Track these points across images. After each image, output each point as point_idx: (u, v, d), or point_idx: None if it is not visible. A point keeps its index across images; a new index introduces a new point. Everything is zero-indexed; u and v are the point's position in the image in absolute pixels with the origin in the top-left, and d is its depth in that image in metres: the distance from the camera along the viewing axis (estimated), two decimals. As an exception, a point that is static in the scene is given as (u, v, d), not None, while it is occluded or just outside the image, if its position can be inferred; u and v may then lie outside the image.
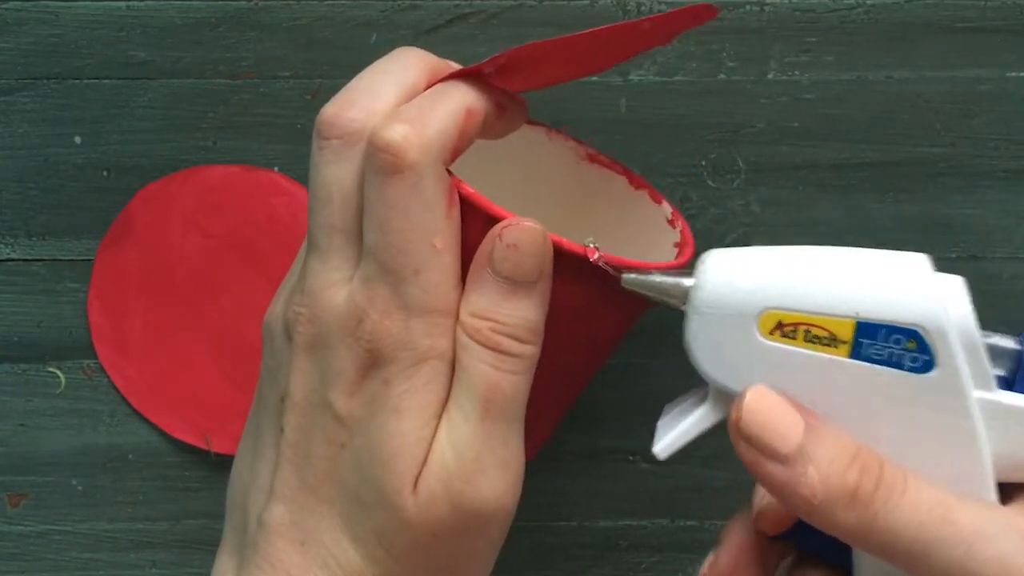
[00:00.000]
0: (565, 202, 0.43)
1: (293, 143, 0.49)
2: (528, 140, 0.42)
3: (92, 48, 0.48)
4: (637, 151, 0.48)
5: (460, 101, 0.33)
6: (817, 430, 0.30)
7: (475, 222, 0.33)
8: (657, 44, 0.43)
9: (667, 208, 0.41)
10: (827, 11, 0.47)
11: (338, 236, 0.33)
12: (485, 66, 0.34)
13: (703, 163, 0.48)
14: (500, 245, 0.32)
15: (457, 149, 0.33)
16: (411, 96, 0.34)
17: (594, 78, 0.48)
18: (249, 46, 0.48)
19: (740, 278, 0.30)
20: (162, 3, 0.48)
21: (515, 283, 0.32)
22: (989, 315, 0.50)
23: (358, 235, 0.33)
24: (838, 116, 0.48)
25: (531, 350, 0.33)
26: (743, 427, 0.30)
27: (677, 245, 0.40)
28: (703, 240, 0.49)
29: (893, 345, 0.29)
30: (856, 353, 0.29)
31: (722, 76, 0.48)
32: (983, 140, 0.48)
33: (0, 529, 0.51)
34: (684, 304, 0.31)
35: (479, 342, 0.32)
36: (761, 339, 0.30)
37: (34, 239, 0.50)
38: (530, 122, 0.42)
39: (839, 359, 0.29)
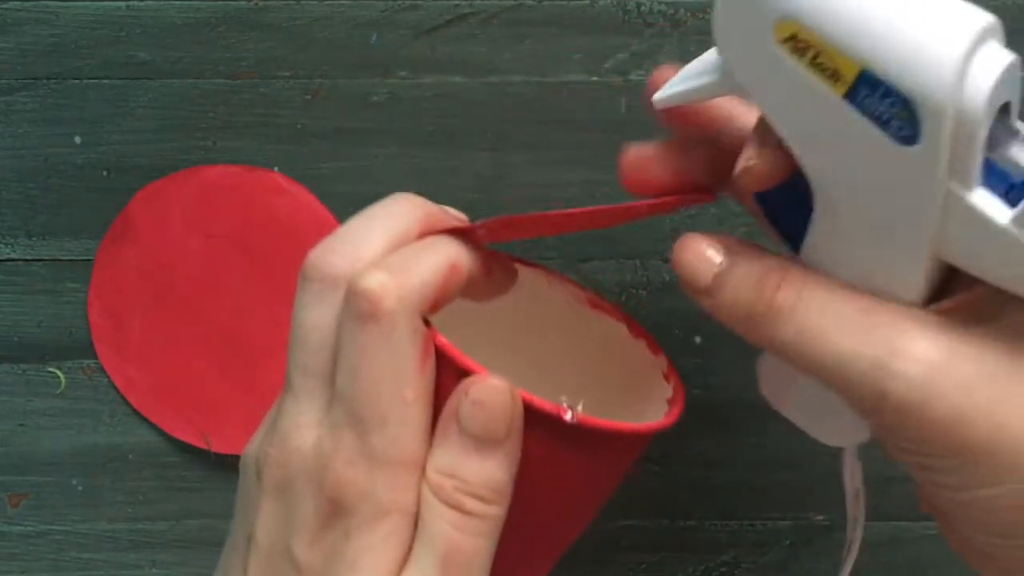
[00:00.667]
0: (563, 347, 0.42)
1: (293, 143, 0.49)
2: (527, 284, 0.41)
3: (92, 48, 0.48)
4: (637, 151, 0.48)
5: (446, 255, 0.33)
6: (735, 257, 0.33)
7: (449, 374, 0.32)
8: (660, 214, 0.42)
9: (663, 361, 0.40)
10: (827, 11, 0.47)
11: (311, 378, 0.33)
12: (479, 227, 0.34)
13: (703, 163, 0.48)
14: (466, 402, 0.31)
15: (438, 302, 0.32)
16: (399, 243, 0.34)
17: (594, 77, 0.48)
18: (249, 46, 0.48)
19: None
20: (162, 3, 0.48)
21: (481, 441, 0.31)
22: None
23: (333, 379, 0.33)
24: (838, 116, 0.48)
25: (495, 511, 0.32)
26: (675, 268, 0.34)
27: (669, 401, 0.39)
28: (703, 240, 0.49)
29: (887, 106, 0.27)
30: (852, 97, 0.28)
31: (722, 76, 0.48)
32: (983, 140, 0.48)
33: (0, 529, 0.51)
34: None
35: (442, 500, 0.31)
36: (772, 43, 0.29)
37: (34, 239, 0.50)
38: (530, 264, 0.41)
39: (833, 96, 0.28)
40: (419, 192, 0.50)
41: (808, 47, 0.28)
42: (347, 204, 0.49)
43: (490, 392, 0.31)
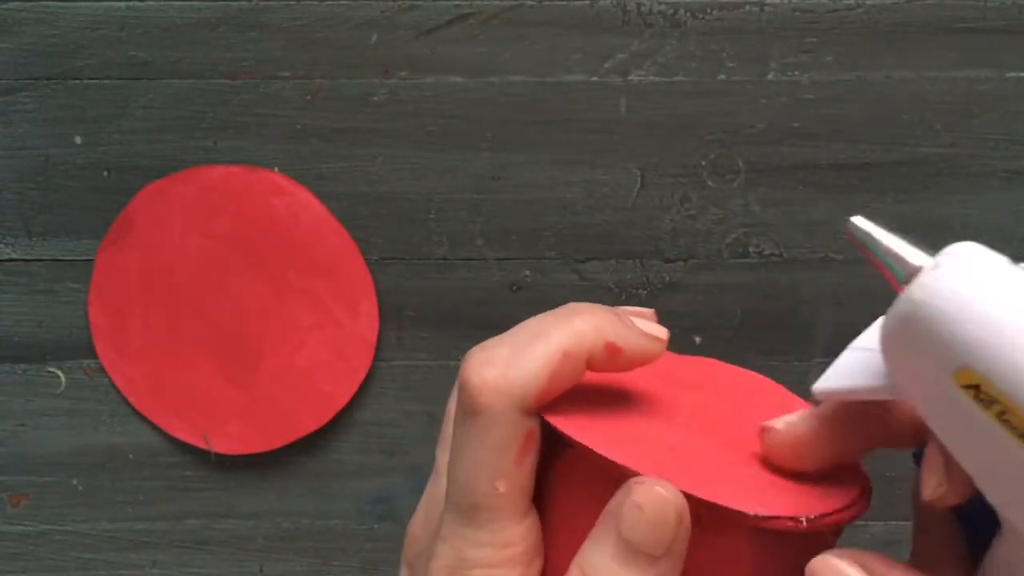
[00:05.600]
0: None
1: (293, 143, 0.49)
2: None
3: (92, 48, 0.48)
4: (637, 151, 0.48)
5: (558, 343, 0.31)
6: None
7: (590, 467, 0.29)
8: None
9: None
10: (827, 11, 0.47)
11: (445, 455, 0.34)
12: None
13: (703, 163, 0.48)
14: (628, 503, 0.29)
15: (546, 394, 0.31)
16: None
17: (594, 77, 0.48)
18: (249, 46, 0.48)
19: (967, 307, 0.25)
20: (162, 3, 0.48)
21: (634, 551, 0.29)
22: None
23: None
24: (838, 116, 0.48)
25: None
26: None
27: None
28: (703, 240, 0.49)
29: None
30: None
31: (722, 76, 0.48)
32: (983, 140, 0.48)
33: (0, 529, 0.51)
34: (901, 287, 0.26)
35: None
36: (954, 385, 0.26)
37: (34, 239, 0.50)
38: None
39: (1022, 451, 0.26)
40: (419, 191, 0.51)
41: (994, 402, 0.25)
42: (347, 204, 0.49)
43: (654, 499, 0.29)
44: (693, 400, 0.33)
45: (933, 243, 0.51)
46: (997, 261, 0.25)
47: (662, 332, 0.32)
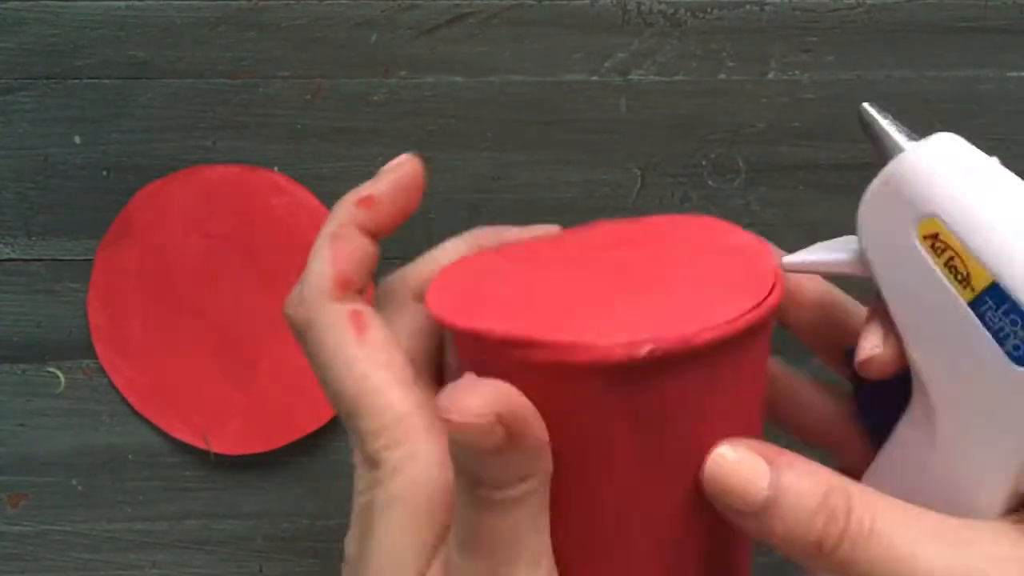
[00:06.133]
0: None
1: (293, 143, 0.49)
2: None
3: (92, 48, 0.48)
4: (637, 151, 0.48)
5: (323, 233, 0.32)
6: (784, 473, 0.28)
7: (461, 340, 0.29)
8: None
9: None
10: (827, 11, 0.47)
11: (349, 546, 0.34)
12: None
13: (703, 163, 0.48)
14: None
15: (342, 275, 0.32)
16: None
17: (594, 77, 0.48)
18: (249, 46, 0.48)
19: (940, 170, 0.30)
20: (161, 3, 0.48)
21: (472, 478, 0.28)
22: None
23: None
24: (838, 116, 0.48)
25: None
26: (708, 489, 0.29)
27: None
28: (703, 240, 0.49)
29: (1008, 323, 0.28)
30: (976, 306, 0.28)
31: (722, 76, 0.48)
32: (983, 140, 0.48)
33: (0, 529, 0.51)
34: (888, 158, 0.31)
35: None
36: (915, 236, 0.29)
37: (34, 239, 0.50)
38: None
39: (959, 300, 0.29)
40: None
41: (946, 248, 0.29)
42: (347, 204, 0.49)
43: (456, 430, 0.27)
44: (615, 255, 0.33)
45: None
46: (969, 146, 0.31)
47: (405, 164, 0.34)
